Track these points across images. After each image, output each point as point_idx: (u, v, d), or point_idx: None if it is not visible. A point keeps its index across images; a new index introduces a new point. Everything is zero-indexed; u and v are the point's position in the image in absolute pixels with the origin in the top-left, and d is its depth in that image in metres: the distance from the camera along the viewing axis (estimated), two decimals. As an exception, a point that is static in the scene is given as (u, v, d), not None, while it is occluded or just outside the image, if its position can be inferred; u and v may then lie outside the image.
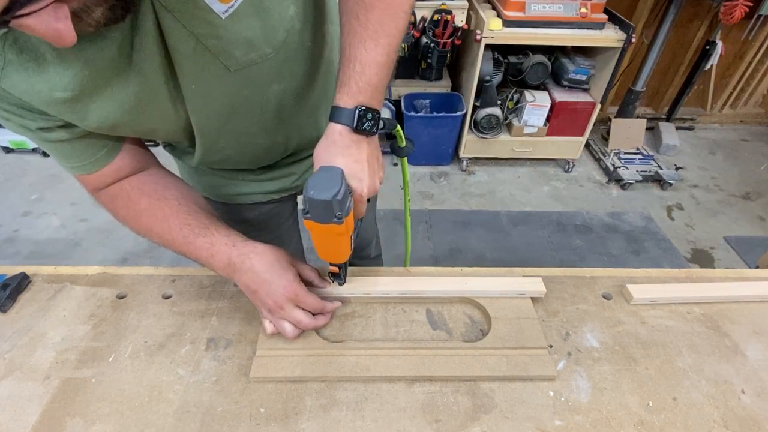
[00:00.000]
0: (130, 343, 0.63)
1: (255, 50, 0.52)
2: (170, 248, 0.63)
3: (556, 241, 2.14)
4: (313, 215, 0.50)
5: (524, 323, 0.65)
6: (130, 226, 0.65)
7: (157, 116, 0.55)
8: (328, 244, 0.57)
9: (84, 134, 0.55)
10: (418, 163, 2.59)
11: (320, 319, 0.63)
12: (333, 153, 0.53)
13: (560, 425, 0.54)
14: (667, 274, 0.76)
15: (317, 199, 0.48)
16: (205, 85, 0.53)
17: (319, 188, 0.49)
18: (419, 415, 0.55)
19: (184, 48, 0.48)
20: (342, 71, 0.53)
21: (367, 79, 0.52)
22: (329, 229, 0.52)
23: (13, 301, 0.68)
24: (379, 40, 0.52)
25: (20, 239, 2.06)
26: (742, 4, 2.10)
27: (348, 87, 0.52)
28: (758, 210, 2.39)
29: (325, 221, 0.50)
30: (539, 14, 2.05)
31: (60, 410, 0.55)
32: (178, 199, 0.64)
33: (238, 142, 0.65)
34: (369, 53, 0.52)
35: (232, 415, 0.55)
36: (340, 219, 0.50)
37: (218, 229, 0.62)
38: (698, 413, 0.56)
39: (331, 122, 0.53)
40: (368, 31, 0.51)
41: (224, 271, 0.61)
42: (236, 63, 0.51)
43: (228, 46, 0.49)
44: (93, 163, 0.59)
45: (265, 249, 0.61)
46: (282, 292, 0.58)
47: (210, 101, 0.56)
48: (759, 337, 0.66)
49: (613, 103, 2.86)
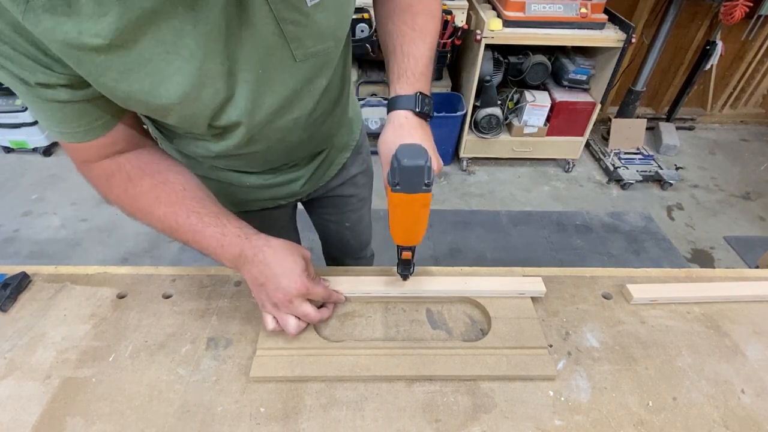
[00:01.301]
0: (131, 343, 0.63)
1: (322, 42, 0.54)
2: (170, 234, 0.61)
3: (556, 241, 2.14)
4: (404, 185, 0.51)
5: (524, 323, 0.65)
6: (125, 207, 0.62)
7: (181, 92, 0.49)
8: (411, 219, 0.57)
9: (85, 98, 0.50)
10: (418, 163, 2.59)
11: (324, 311, 0.63)
12: (401, 136, 0.57)
13: (560, 425, 0.54)
14: (667, 274, 0.76)
15: (412, 165, 0.49)
16: (271, 71, 0.52)
17: (411, 156, 0.50)
18: (419, 414, 0.55)
19: (264, 29, 0.47)
20: (396, 66, 0.60)
21: (421, 70, 0.60)
22: (417, 201, 0.52)
23: (13, 300, 0.68)
24: (426, 38, 0.61)
25: (20, 239, 2.07)
26: (743, 4, 2.09)
27: (406, 77, 0.59)
28: (758, 210, 2.39)
29: (415, 190, 0.51)
30: (539, 14, 2.05)
31: (60, 410, 0.55)
32: (183, 185, 0.62)
33: (270, 137, 0.63)
34: (419, 49, 0.60)
35: (233, 414, 0.55)
36: (429, 187, 0.51)
37: (229, 220, 0.61)
38: (698, 413, 0.56)
39: (394, 111, 0.59)
40: (416, 32, 0.60)
41: (233, 263, 0.61)
42: (303, 54, 0.53)
43: (303, 34, 0.50)
44: (86, 132, 0.54)
45: (279, 243, 0.61)
46: (293, 286, 0.58)
47: (269, 90, 0.55)
48: (759, 337, 0.66)
49: (614, 103, 2.86)
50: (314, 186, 0.88)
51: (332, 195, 0.95)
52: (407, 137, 0.56)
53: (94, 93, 0.50)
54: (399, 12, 0.61)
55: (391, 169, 0.52)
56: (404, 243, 0.62)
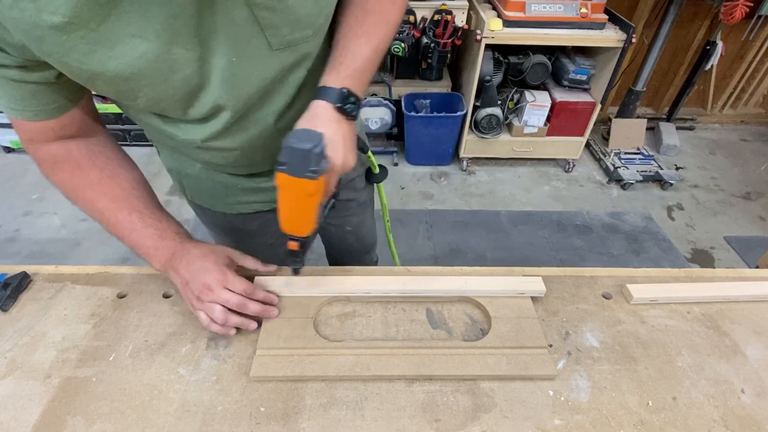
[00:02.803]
0: (131, 343, 0.63)
1: (300, 30, 0.52)
2: (107, 227, 0.64)
3: (557, 241, 2.14)
4: (288, 167, 0.50)
5: (524, 323, 0.65)
6: (67, 192, 0.63)
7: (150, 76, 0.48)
8: (295, 206, 0.55)
9: (40, 81, 0.50)
10: (418, 163, 2.59)
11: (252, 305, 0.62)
12: (314, 124, 0.54)
13: (560, 424, 0.54)
14: (667, 273, 0.76)
15: (296, 147, 0.49)
16: (245, 60, 0.51)
17: (300, 139, 0.50)
18: (419, 414, 0.55)
19: (237, 15, 0.46)
20: (333, 57, 0.57)
21: (356, 67, 0.57)
22: (301, 185, 0.51)
23: (14, 300, 0.68)
24: (372, 39, 0.58)
25: (21, 239, 2.07)
26: (743, 5, 2.09)
27: (337, 70, 0.56)
28: (758, 210, 2.39)
29: (299, 174, 0.50)
30: (539, 14, 2.05)
31: (61, 409, 0.55)
32: (130, 182, 0.64)
33: (248, 132, 0.62)
34: (361, 47, 0.58)
35: (233, 414, 0.55)
36: (315, 174, 0.50)
37: (169, 225, 0.65)
38: (698, 413, 0.56)
39: (314, 100, 0.56)
40: (363, 30, 0.58)
41: (164, 266, 0.64)
42: (279, 42, 0.51)
43: (278, 20, 0.49)
44: (36, 112, 0.54)
45: (206, 244, 0.66)
46: (210, 275, 0.61)
47: (246, 80, 0.53)
48: (759, 336, 0.66)
49: (614, 103, 2.86)
50: None
51: None
52: (319, 127, 0.53)
53: (48, 77, 0.50)
54: (352, 6, 0.59)
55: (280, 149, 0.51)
56: (289, 231, 0.59)
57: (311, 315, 0.66)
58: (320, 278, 0.71)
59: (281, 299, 0.68)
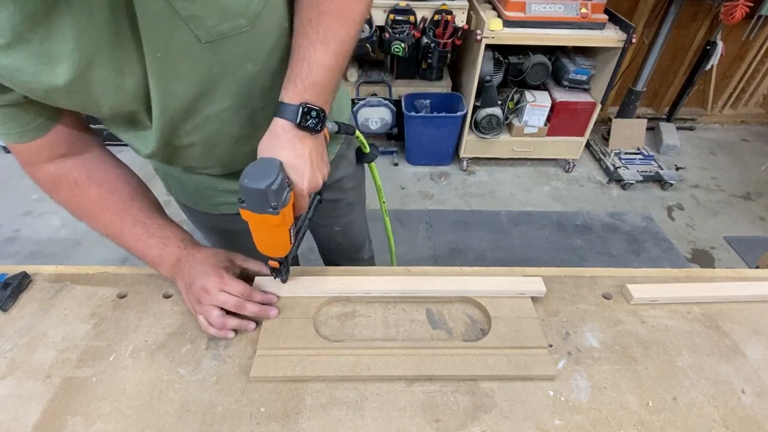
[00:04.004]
0: (131, 343, 0.63)
1: (228, 20, 0.48)
2: (113, 239, 0.65)
3: (557, 241, 2.14)
4: (249, 205, 0.51)
5: (524, 323, 0.65)
6: (72, 210, 0.64)
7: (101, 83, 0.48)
8: (265, 235, 0.57)
9: (11, 103, 0.50)
10: (418, 163, 2.59)
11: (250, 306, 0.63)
12: (275, 146, 0.54)
13: (560, 425, 0.54)
14: (667, 274, 0.76)
15: (251, 187, 0.49)
16: (173, 55, 0.48)
17: (255, 177, 0.49)
18: (419, 414, 0.55)
19: (152, 7, 0.43)
20: (290, 69, 0.54)
21: (314, 79, 0.54)
22: (265, 220, 0.52)
23: (14, 300, 0.68)
24: (329, 45, 0.54)
25: (21, 239, 2.07)
26: (743, 5, 2.09)
27: (294, 84, 0.54)
28: (759, 210, 2.39)
29: (260, 211, 0.51)
30: (539, 14, 2.05)
31: (61, 409, 0.55)
32: (130, 194, 0.65)
33: (206, 129, 0.59)
34: (318, 55, 0.53)
35: (233, 414, 0.55)
36: (276, 210, 0.50)
37: (173, 232, 0.66)
38: (698, 413, 0.56)
39: (275, 117, 0.54)
40: (319, 35, 0.53)
41: (169, 271, 0.65)
42: (208, 33, 0.48)
43: (200, 10, 0.46)
44: (21, 133, 0.54)
45: (208, 249, 0.67)
46: (209, 278, 0.62)
47: (177, 76, 0.50)
48: (759, 337, 0.66)
49: (614, 104, 2.86)
50: None
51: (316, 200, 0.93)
52: (278, 150, 0.53)
53: (17, 98, 0.50)
54: (305, 7, 0.54)
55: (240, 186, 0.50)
56: (266, 254, 0.60)
57: (311, 315, 0.66)
58: (320, 278, 0.71)
59: (281, 299, 0.68)
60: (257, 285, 0.68)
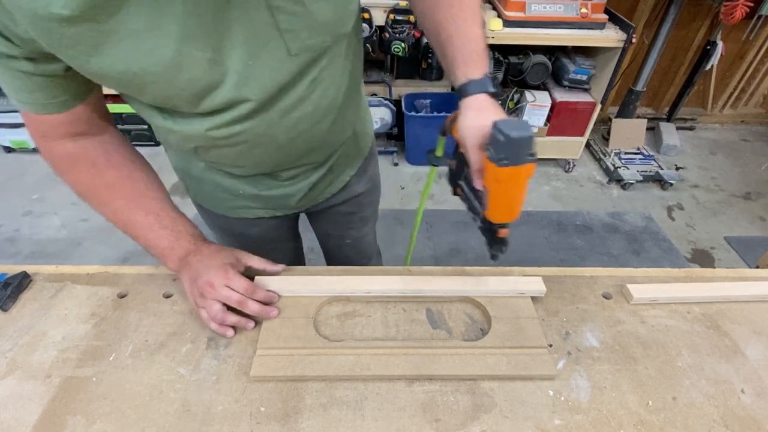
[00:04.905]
0: (131, 342, 0.63)
1: (318, 35, 0.52)
2: (121, 226, 0.65)
3: (557, 241, 2.14)
4: (512, 158, 0.50)
5: (524, 322, 0.65)
6: (82, 191, 0.63)
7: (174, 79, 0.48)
8: (514, 194, 0.56)
9: (48, 74, 0.50)
10: (418, 163, 2.59)
11: (252, 304, 0.63)
12: (486, 116, 0.54)
13: (560, 424, 0.54)
14: (667, 273, 0.76)
15: (522, 136, 0.49)
16: (261, 62, 0.50)
17: (518, 129, 0.49)
18: (419, 414, 0.55)
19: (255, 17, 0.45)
20: (459, 51, 0.57)
21: (481, 50, 0.58)
22: (523, 172, 0.52)
23: (14, 300, 0.68)
24: (476, 19, 0.59)
25: (21, 239, 2.07)
26: (743, 5, 2.09)
27: (473, 60, 0.57)
28: (759, 210, 2.39)
29: (522, 161, 0.51)
30: (539, 14, 2.05)
31: (61, 409, 0.55)
32: (146, 183, 0.65)
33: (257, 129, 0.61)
34: (475, 31, 0.58)
35: (233, 413, 0.55)
36: (534, 156, 0.51)
37: (185, 226, 0.67)
38: (698, 413, 0.56)
39: (470, 96, 0.56)
40: (467, 14, 0.58)
41: (176, 264, 0.66)
42: (298, 47, 0.51)
43: (298, 25, 0.49)
44: (46, 105, 0.54)
45: (216, 245, 0.68)
46: (214, 273, 0.62)
47: (259, 84, 0.53)
48: (759, 337, 0.66)
49: (614, 103, 2.86)
50: (311, 203, 0.86)
51: (333, 211, 0.93)
52: (491, 116, 0.54)
53: (56, 70, 0.49)
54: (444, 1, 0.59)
55: (494, 147, 0.50)
56: (502, 220, 0.60)
57: (311, 315, 0.66)
58: (320, 278, 0.71)
59: (281, 299, 0.68)
60: (258, 283, 0.68)
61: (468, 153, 0.56)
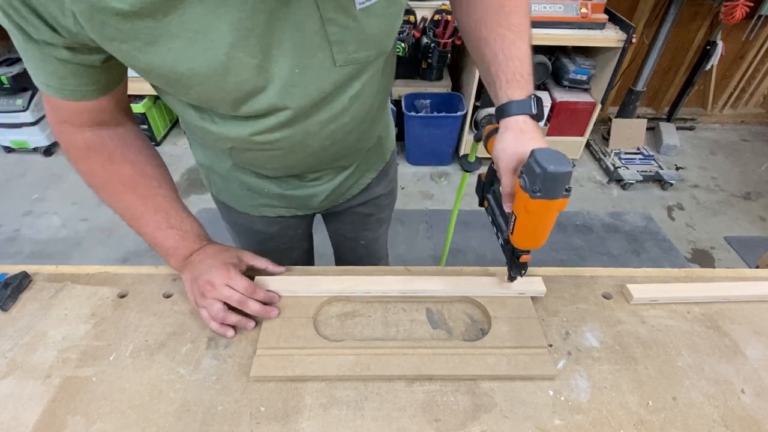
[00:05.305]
0: (131, 342, 0.63)
1: (365, 49, 0.52)
2: (129, 220, 0.65)
3: (557, 241, 2.14)
4: (546, 192, 0.49)
5: (524, 322, 0.65)
6: (94, 182, 0.63)
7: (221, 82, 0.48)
8: (541, 225, 0.55)
9: (85, 63, 0.50)
10: (418, 163, 2.59)
11: (252, 304, 0.63)
12: (525, 140, 0.53)
13: (560, 424, 0.54)
14: (667, 273, 0.76)
15: (559, 171, 0.47)
16: (308, 72, 0.51)
17: (556, 163, 0.47)
18: (419, 414, 0.55)
19: (306, 25, 0.46)
20: (502, 70, 0.56)
21: (528, 71, 0.57)
22: (554, 206, 0.50)
23: (14, 300, 0.68)
24: (524, 38, 0.58)
25: (21, 239, 2.07)
26: (743, 5, 2.09)
27: (516, 81, 0.56)
28: (759, 210, 2.39)
29: (556, 196, 0.49)
30: (539, 14, 2.05)
31: (61, 409, 0.55)
32: (159, 181, 0.66)
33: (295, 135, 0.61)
34: (520, 50, 0.57)
35: (233, 413, 0.55)
36: (569, 191, 0.50)
37: (192, 226, 0.67)
38: (698, 413, 0.56)
39: (509, 117, 0.55)
40: (513, 32, 0.58)
41: (179, 263, 0.67)
42: (345, 59, 0.51)
43: (347, 38, 0.49)
44: (73, 92, 0.53)
45: (218, 244, 0.69)
46: (215, 272, 0.63)
47: (303, 93, 0.53)
48: (759, 337, 0.66)
49: (614, 103, 2.86)
50: (333, 203, 0.87)
51: (352, 212, 0.94)
52: (529, 142, 0.53)
53: (94, 61, 0.50)
54: (492, 15, 0.59)
55: (529, 177, 0.49)
56: (526, 247, 0.59)
57: (311, 315, 0.66)
58: (320, 278, 0.71)
59: (281, 299, 0.68)
60: (258, 283, 0.68)
61: (501, 175, 0.55)
